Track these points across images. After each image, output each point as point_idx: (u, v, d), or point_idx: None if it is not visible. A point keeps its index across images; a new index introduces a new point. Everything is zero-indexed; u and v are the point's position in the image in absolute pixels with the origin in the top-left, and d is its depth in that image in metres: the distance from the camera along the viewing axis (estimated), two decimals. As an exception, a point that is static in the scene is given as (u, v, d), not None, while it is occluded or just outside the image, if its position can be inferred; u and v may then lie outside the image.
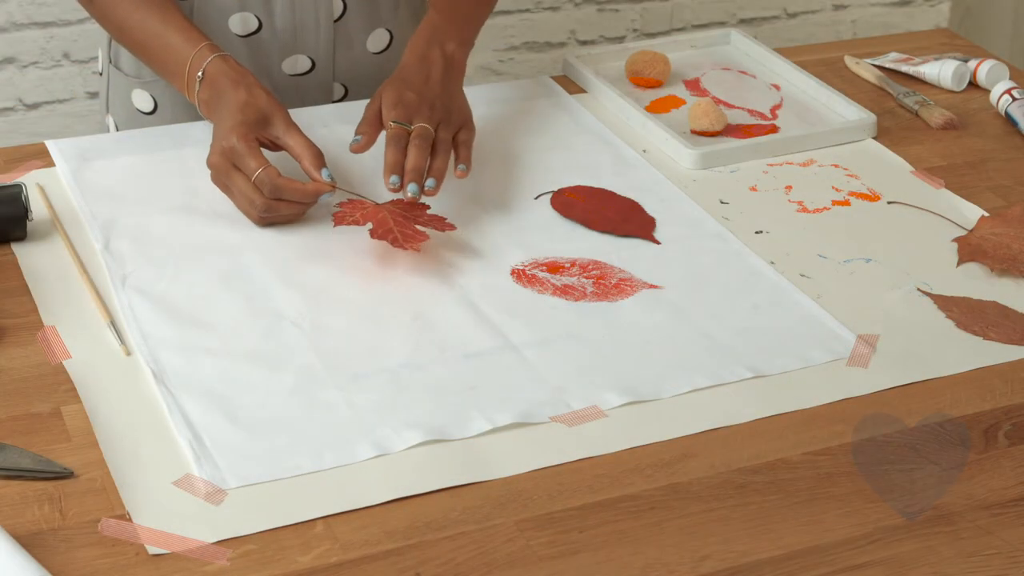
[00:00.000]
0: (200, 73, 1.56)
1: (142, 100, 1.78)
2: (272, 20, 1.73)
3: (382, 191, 1.53)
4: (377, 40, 1.79)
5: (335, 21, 1.75)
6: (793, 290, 1.46)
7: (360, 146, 1.56)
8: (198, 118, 1.69)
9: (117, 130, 1.82)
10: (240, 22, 1.72)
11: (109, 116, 1.83)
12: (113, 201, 1.55)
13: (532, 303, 1.43)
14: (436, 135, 1.56)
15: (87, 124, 2.90)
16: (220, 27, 1.72)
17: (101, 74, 1.83)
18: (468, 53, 1.68)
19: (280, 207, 1.50)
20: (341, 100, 1.81)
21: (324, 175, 1.49)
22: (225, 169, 1.50)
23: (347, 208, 1.49)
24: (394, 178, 1.50)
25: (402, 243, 1.45)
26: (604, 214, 1.57)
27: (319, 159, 1.51)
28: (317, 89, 1.78)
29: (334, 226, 1.47)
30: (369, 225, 1.46)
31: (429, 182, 1.51)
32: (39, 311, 1.38)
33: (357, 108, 1.74)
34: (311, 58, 1.76)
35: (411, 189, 1.49)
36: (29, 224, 1.48)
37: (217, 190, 1.57)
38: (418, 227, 1.47)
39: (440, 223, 1.49)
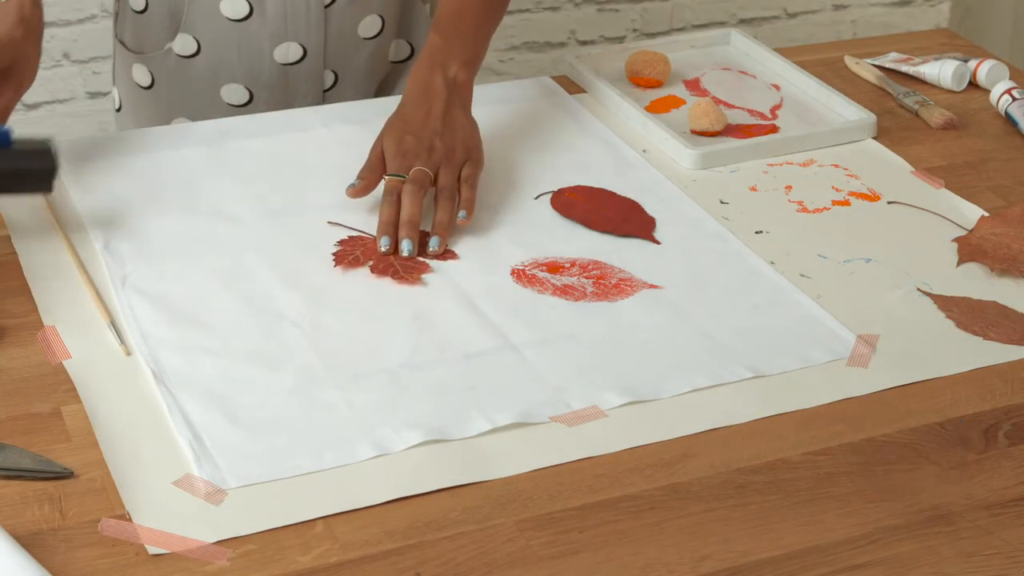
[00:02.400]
0: None
1: (141, 75, 1.80)
2: (263, 5, 1.73)
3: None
4: (369, 26, 1.79)
5: (326, 7, 1.75)
6: (793, 290, 1.46)
7: (356, 191, 1.53)
8: (193, 93, 1.69)
9: (121, 102, 1.85)
10: (230, 6, 1.72)
11: (114, 88, 1.87)
12: (113, 201, 1.55)
13: (532, 303, 1.43)
14: (437, 181, 1.54)
15: (87, 124, 2.90)
16: (212, 11, 1.72)
17: (112, 46, 1.86)
18: (475, 72, 1.63)
19: None
20: (332, 88, 1.81)
21: None
22: None
23: (347, 246, 1.49)
24: (385, 240, 1.47)
25: (404, 276, 1.45)
26: (604, 214, 1.57)
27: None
28: (308, 77, 1.78)
29: (334, 266, 1.46)
30: (370, 263, 1.47)
31: (433, 242, 1.48)
32: (39, 311, 1.38)
33: (360, 108, 1.74)
34: (303, 45, 1.76)
35: (405, 247, 1.47)
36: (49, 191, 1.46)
37: (216, 189, 1.58)
38: (419, 258, 1.48)
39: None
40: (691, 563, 1.14)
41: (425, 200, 1.53)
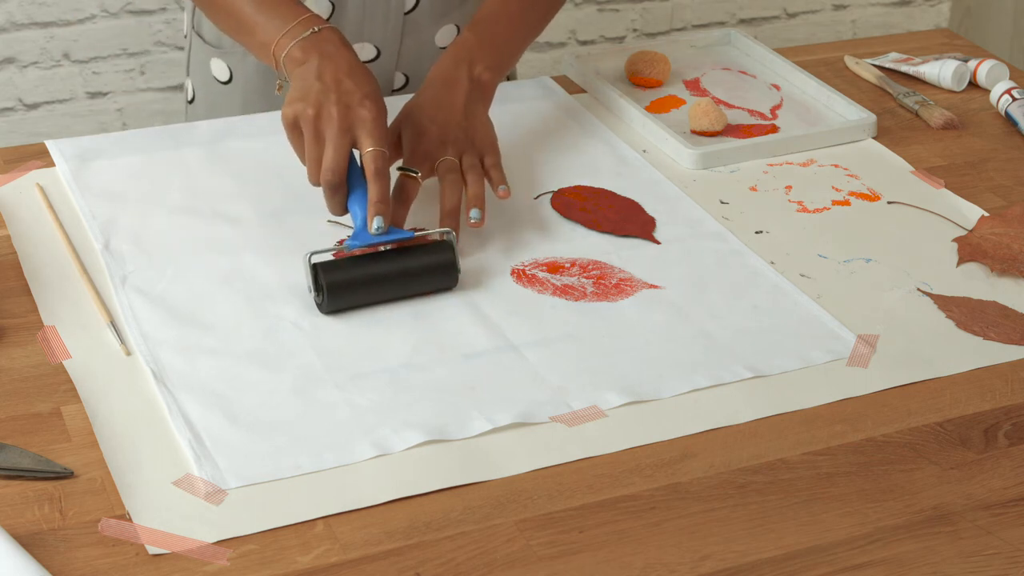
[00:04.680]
0: (315, 28, 1.49)
1: (219, 69, 1.81)
2: (344, 6, 1.73)
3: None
4: (445, 34, 1.79)
5: (406, 13, 1.75)
6: (793, 290, 1.46)
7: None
8: (270, 92, 1.67)
9: (195, 94, 1.85)
10: (314, 4, 1.72)
11: (188, 79, 1.86)
12: (113, 201, 1.55)
13: (532, 303, 1.43)
14: (461, 163, 1.53)
15: (87, 124, 2.90)
16: None
17: (185, 36, 1.86)
18: (499, 78, 1.62)
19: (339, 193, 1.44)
20: (402, 88, 1.81)
21: (375, 223, 1.40)
22: (332, 121, 1.42)
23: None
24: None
25: None
26: (604, 214, 1.57)
27: (384, 206, 1.41)
28: (378, 77, 1.77)
29: None
30: None
31: (474, 213, 1.48)
32: (39, 311, 1.38)
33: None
34: (377, 47, 1.77)
35: (474, 215, 1.47)
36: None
37: (216, 189, 1.58)
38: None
39: None
40: (691, 563, 1.14)
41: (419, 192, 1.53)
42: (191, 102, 1.86)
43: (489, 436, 1.26)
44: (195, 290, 1.42)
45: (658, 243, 1.53)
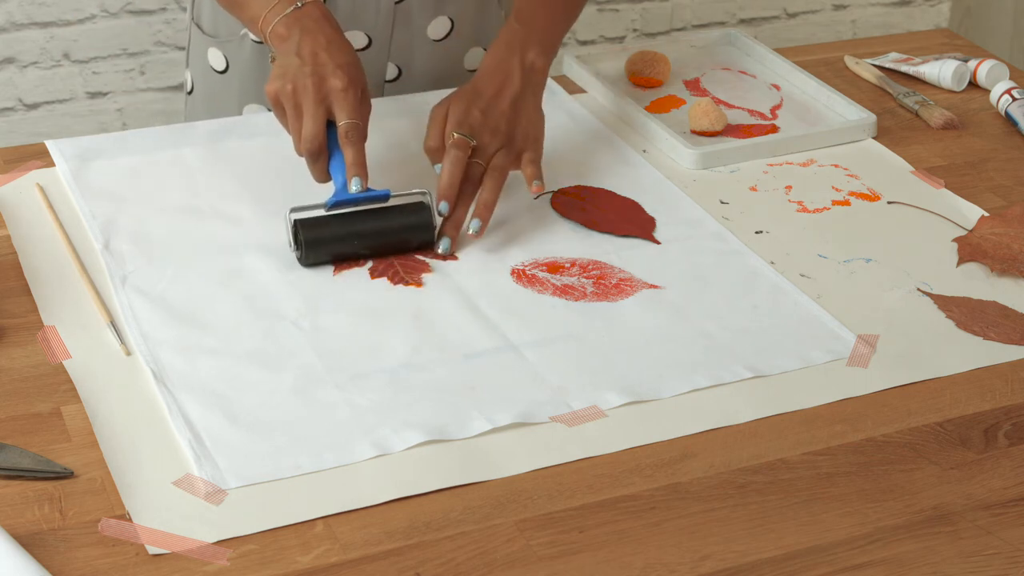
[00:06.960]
0: (299, 3, 1.53)
1: (216, 59, 1.82)
2: None
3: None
4: (438, 27, 1.79)
5: (396, 3, 1.76)
6: (793, 290, 1.46)
7: (432, 160, 1.55)
8: (265, 80, 1.69)
9: (193, 86, 1.86)
10: None
11: (188, 71, 1.88)
12: (113, 201, 1.55)
13: (532, 303, 1.43)
14: (491, 161, 1.54)
15: (87, 124, 2.90)
16: None
17: (187, 29, 1.88)
18: (550, 61, 1.64)
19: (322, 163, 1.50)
20: (394, 80, 1.81)
21: (353, 183, 1.47)
22: (308, 94, 1.47)
23: None
24: (443, 205, 1.50)
25: (404, 276, 1.45)
26: (604, 214, 1.57)
27: (359, 168, 1.48)
28: (371, 67, 1.77)
29: (333, 274, 1.46)
30: (370, 263, 1.47)
31: (474, 224, 1.50)
32: (39, 311, 1.38)
33: (411, 103, 1.73)
34: (368, 35, 1.77)
35: (474, 226, 1.50)
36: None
37: (216, 188, 1.58)
38: (419, 257, 1.48)
39: None
40: (691, 563, 1.14)
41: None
42: (190, 93, 1.87)
43: (489, 436, 1.26)
44: (195, 290, 1.42)
45: (658, 243, 1.53)
